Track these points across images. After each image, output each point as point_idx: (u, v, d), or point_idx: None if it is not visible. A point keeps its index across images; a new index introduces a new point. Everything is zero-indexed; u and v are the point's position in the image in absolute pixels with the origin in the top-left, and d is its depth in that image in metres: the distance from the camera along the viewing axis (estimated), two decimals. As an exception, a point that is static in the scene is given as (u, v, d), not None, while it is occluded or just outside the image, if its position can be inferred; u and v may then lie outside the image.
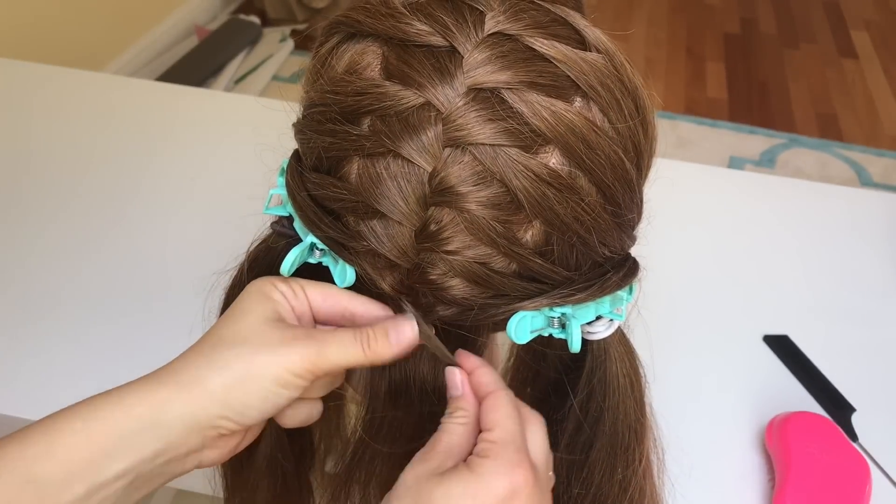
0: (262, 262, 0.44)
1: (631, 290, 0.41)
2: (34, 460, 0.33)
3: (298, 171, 0.41)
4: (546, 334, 0.39)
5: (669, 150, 2.16)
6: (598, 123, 0.36)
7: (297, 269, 0.41)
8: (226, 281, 0.46)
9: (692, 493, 0.61)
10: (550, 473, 0.40)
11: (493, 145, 0.34)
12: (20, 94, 1.04)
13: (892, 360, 0.76)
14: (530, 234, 0.37)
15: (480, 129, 0.34)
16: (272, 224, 0.43)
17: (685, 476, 0.59)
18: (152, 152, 0.95)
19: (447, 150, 0.35)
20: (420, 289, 0.38)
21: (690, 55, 2.61)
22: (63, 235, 0.84)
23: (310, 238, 0.39)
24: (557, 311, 0.38)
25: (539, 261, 0.37)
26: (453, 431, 0.38)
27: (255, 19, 2.52)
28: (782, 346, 0.76)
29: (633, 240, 0.41)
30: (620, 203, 0.38)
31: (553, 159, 0.35)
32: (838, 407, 0.70)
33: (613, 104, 0.36)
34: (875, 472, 0.65)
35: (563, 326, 0.39)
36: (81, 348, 0.73)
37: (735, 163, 2.13)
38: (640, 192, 0.40)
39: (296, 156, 0.42)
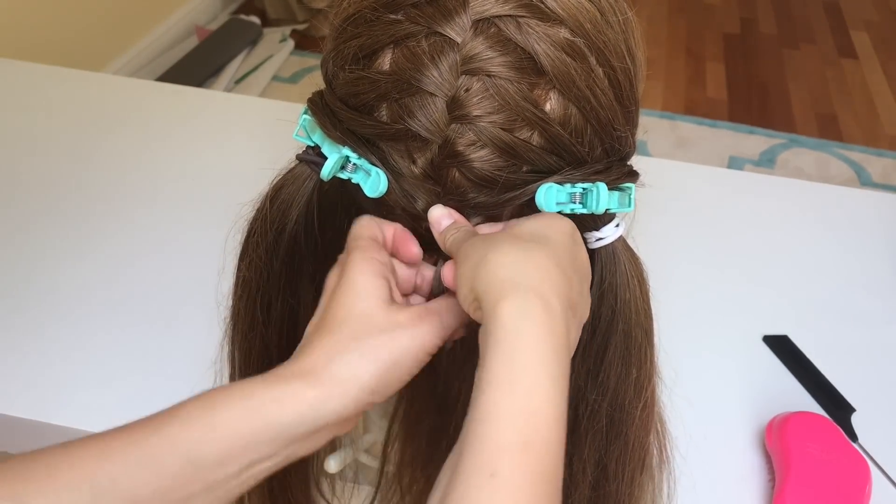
0: (286, 192, 0.46)
1: (630, 202, 0.44)
2: (196, 443, 0.35)
3: (329, 80, 0.44)
4: (568, 210, 0.42)
5: (669, 151, 2.16)
6: (601, 16, 0.41)
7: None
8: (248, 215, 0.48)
9: (692, 493, 0.61)
10: None
11: (515, 17, 0.39)
12: (20, 94, 1.04)
13: (892, 360, 0.76)
14: (549, 106, 0.40)
15: (503, 4, 0.39)
16: (298, 155, 0.46)
17: (685, 476, 0.59)
18: (152, 152, 0.96)
19: (475, 26, 0.39)
20: (450, 166, 0.40)
21: (690, 55, 2.61)
22: (63, 235, 0.84)
23: (345, 150, 0.42)
24: (579, 187, 0.42)
25: (558, 128, 0.40)
26: (466, 233, 0.40)
27: (255, 19, 2.52)
28: (782, 347, 0.76)
29: (633, 146, 0.45)
30: (622, 88, 0.42)
31: (567, 34, 0.40)
32: (838, 407, 0.70)
33: (608, 9, 0.42)
34: (875, 472, 0.65)
35: (583, 204, 0.42)
36: (80, 346, 0.73)
37: (735, 163, 2.13)
38: (637, 96, 0.44)
39: (315, 94, 0.45)
